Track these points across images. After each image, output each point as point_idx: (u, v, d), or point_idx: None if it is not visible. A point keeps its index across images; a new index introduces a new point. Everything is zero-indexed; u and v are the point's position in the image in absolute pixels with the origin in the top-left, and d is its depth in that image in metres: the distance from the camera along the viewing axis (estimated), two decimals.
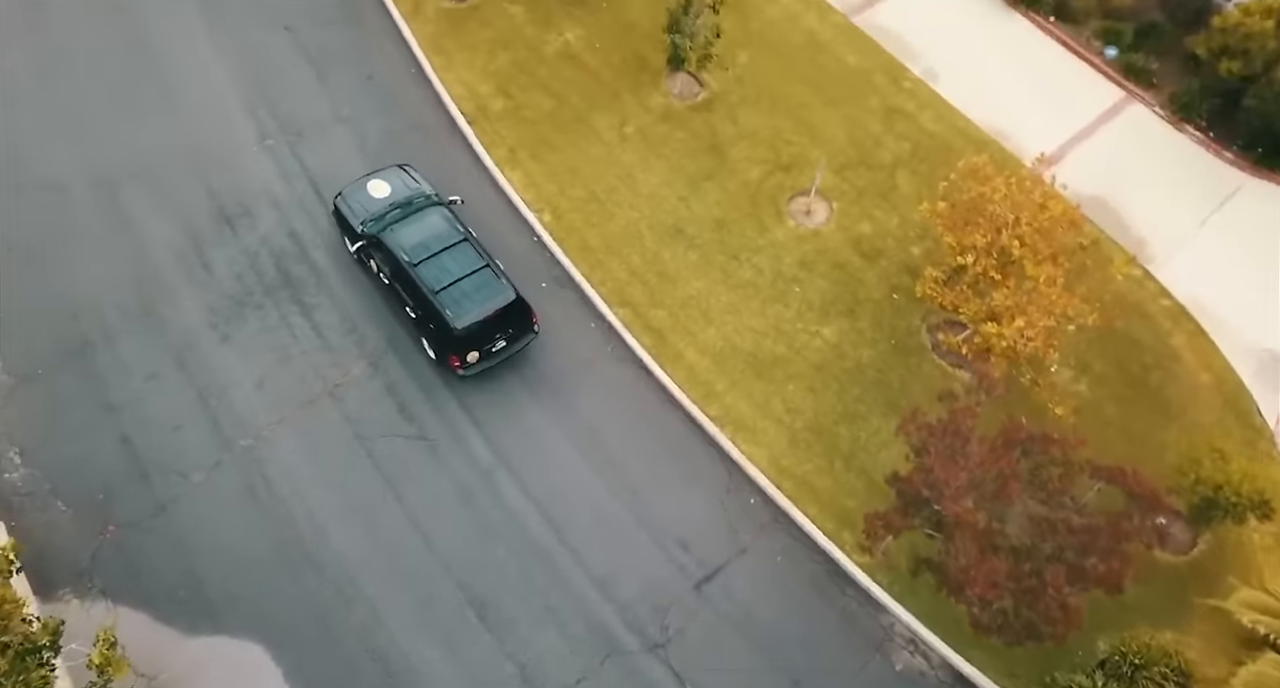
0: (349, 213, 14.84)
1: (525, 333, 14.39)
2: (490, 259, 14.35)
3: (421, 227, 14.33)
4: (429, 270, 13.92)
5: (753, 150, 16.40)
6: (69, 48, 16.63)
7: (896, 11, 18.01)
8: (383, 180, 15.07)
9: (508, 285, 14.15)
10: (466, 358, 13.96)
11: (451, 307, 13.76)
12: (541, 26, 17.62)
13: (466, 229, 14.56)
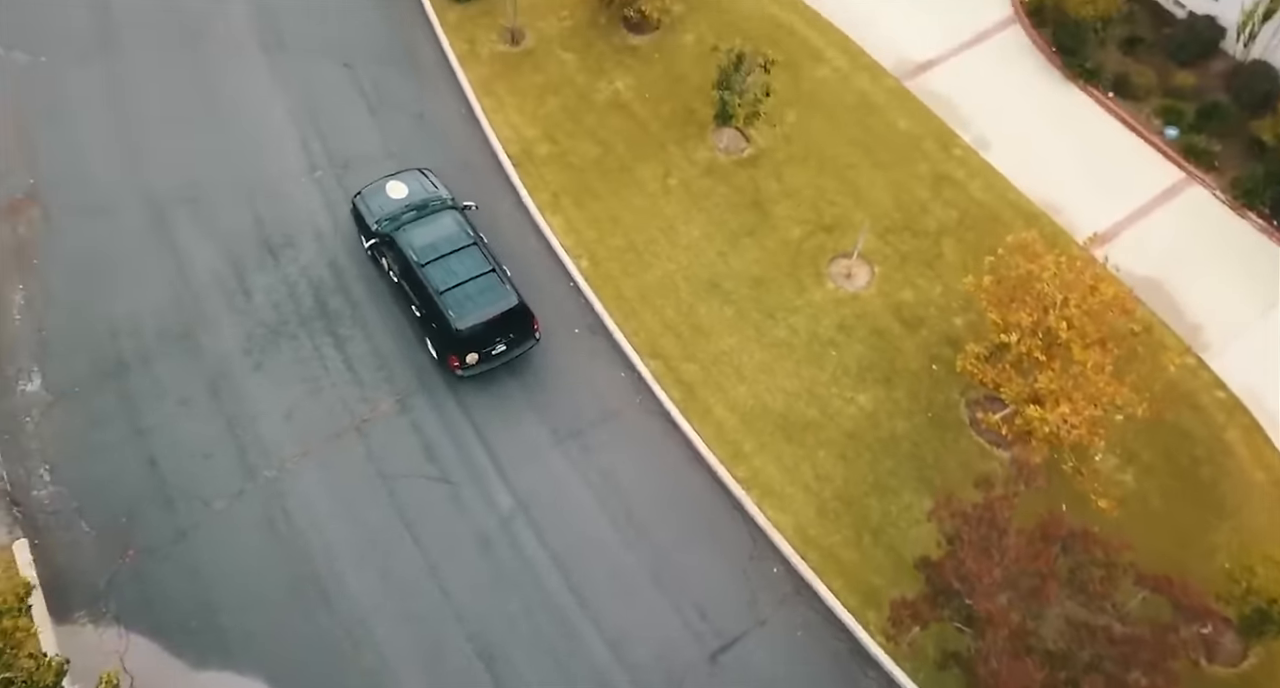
0: (365, 211, 15.17)
1: (526, 339, 14.49)
2: (497, 264, 14.52)
3: (433, 229, 14.59)
4: (436, 271, 14.14)
5: (796, 209, 16.27)
6: (136, 72, 17.16)
7: (949, 77, 17.83)
8: (401, 182, 15.40)
9: (511, 291, 14.29)
10: (465, 359, 14.07)
11: (454, 308, 13.93)
12: (592, 74, 17.84)
13: (477, 234, 14.78)
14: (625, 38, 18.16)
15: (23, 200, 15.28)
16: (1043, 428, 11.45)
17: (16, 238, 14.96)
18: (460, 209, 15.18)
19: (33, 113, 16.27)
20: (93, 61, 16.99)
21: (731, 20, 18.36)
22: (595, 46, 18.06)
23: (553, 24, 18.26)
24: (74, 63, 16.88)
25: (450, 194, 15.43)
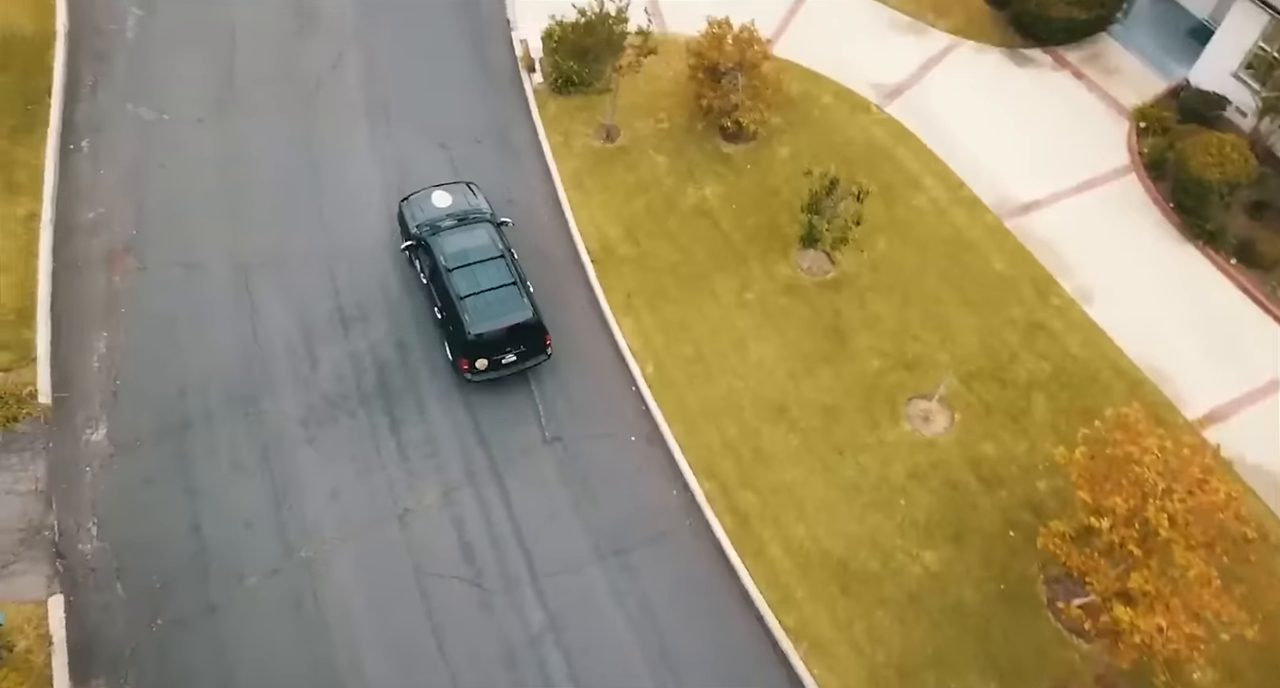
0: (408, 215, 16.06)
1: (537, 353, 14.99)
2: (520, 278, 15.04)
3: (466, 237, 15.35)
4: (460, 277, 14.82)
5: (876, 340, 15.68)
6: (247, 133, 17.74)
7: (1055, 221, 17.02)
8: (447, 192, 16.25)
9: (528, 305, 14.79)
10: (476, 364, 14.65)
11: (471, 313, 14.54)
12: (682, 178, 17.78)
13: (507, 248, 15.41)
14: (719, 145, 18.12)
15: (122, 252, 15.85)
16: (1133, 635, 10.33)
17: (110, 288, 15.45)
18: (497, 224, 15.88)
19: (146, 167, 16.97)
20: (210, 121, 17.75)
21: (830, 138, 18.19)
22: (688, 151, 18.09)
23: (649, 125, 18.39)
24: (192, 122, 17.66)
25: (491, 209, 16.25)
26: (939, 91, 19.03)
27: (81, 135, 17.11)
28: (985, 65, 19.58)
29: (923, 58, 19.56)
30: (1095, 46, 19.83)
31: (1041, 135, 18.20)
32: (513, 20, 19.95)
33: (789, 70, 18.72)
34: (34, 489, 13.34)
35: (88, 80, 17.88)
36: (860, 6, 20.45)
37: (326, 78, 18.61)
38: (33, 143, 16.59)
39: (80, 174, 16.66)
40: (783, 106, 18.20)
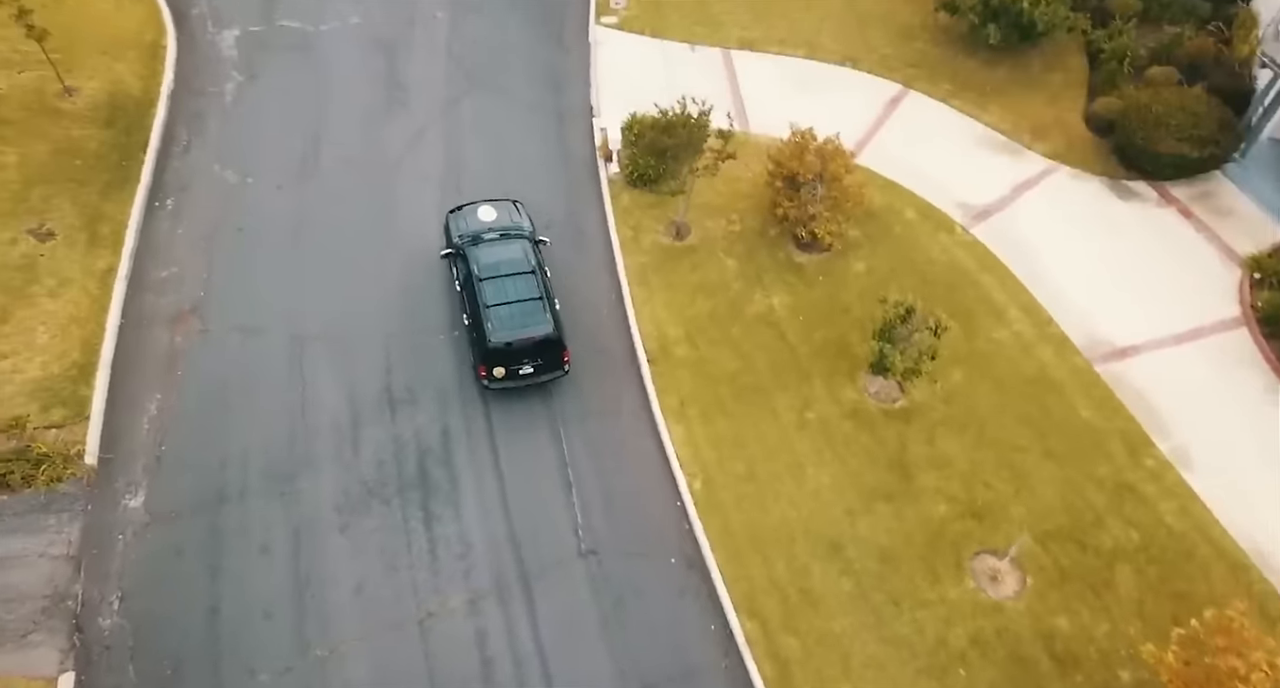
0: (453, 226, 16.80)
1: (554, 368, 15.43)
2: (546, 294, 15.51)
3: (501, 250, 15.94)
4: (490, 287, 15.38)
5: (944, 482, 14.60)
6: (324, 202, 17.86)
7: (1152, 372, 15.63)
8: (492, 208, 16.87)
9: (550, 321, 15.22)
10: (494, 371, 15.12)
11: (494, 322, 15.09)
12: (750, 284, 17.20)
13: (539, 265, 15.94)
14: (792, 254, 17.53)
15: (188, 312, 16.01)
16: None
17: (172, 348, 15.57)
18: (534, 242, 16.45)
19: (223, 229, 17.25)
20: (289, 188, 18.02)
21: (910, 257, 17.41)
22: (759, 256, 17.54)
23: (720, 225, 17.97)
24: (272, 187, 17.96)
25: (533, 228, 16.88)
26: (1031, 217, 18.08)
27: (168, 193, 17.59)
28: (1083, 194, 18.58)
29: (1015, 180, 18.69)
30: (1207, 184, 18.61)
31: (1141, 275, 16.97)
32: (596, 107, 20.03)
33: (871, 181, 18.13)
34: (65, 554, 13.20)
35: (182, 139, 18.48)
36: (953, 120, 19.79)
37: (406, 153, 18.78)
38: (122, 198, 17.12)
39: (160, 232, 17.05)
40: (862, 219, 17.62)
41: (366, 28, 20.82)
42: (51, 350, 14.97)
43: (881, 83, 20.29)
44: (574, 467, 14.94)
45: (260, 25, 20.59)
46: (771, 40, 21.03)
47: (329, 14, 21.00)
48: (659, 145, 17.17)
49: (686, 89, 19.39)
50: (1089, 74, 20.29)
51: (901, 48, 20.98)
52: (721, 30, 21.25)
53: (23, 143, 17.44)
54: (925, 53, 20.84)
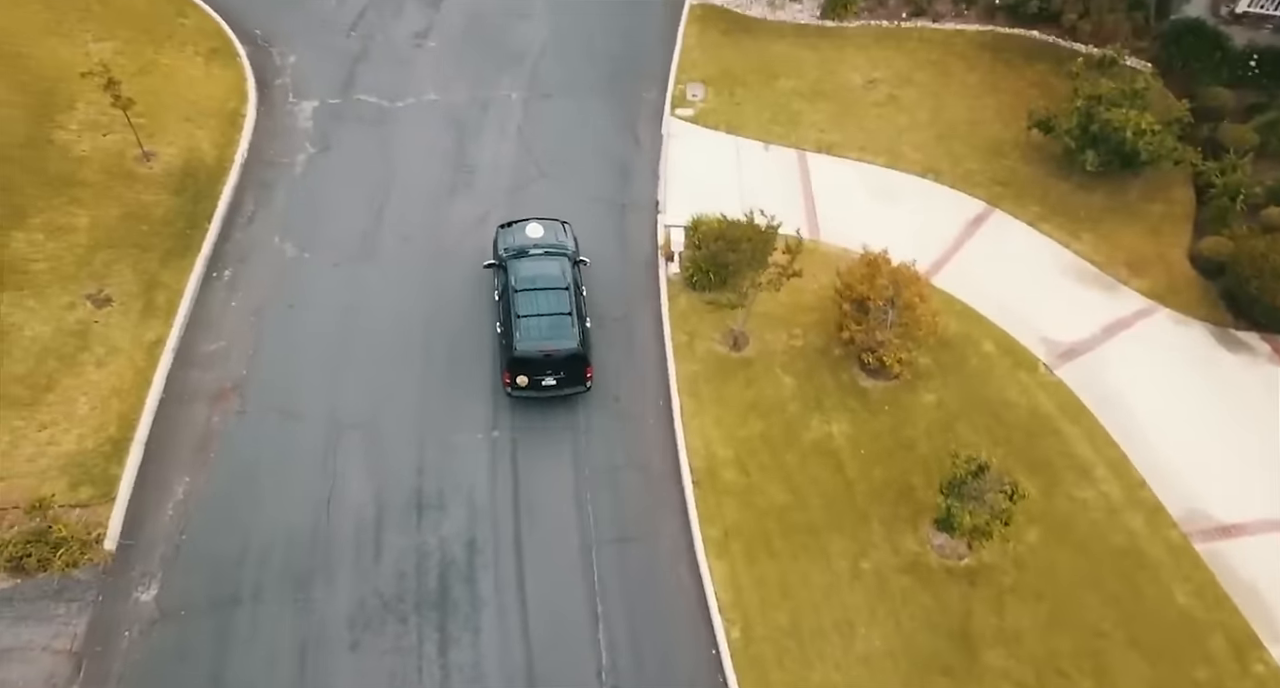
0: (501, 240, 17.43)
1: (576, 383, 15.86)
2: (576, 312, 15.97)
3: (540, 265, 16.50)
4: (523, 299, 15.95)
5: (1013, 663, 13.01)
6: (377, 283, 17.37)
7: (1264, 558, 13.78)
8: (540, 225, 17.38)
9: (575, 337, 15.67)
10: (517, 379, 15.62)
11: (521, 332, 15.62)
12: (808, 407, 16.08)
13: (575, 283, 16.44)
14: (856, 377, 16.40)
15: (229, 390, 15.72)
16: None
17: (208, 428, 15.23)
18: (574, 262, 16.92)
19: (275, 305, 16.99)
20: (345, 267, 17.72)
21: (985, 395, 16.05)
22: (819, 376, 16.46)
23: (780, 339, 16.99)
24: (329, 265, 17.74)
25: (575, 249, 17.29)
26: (1124, 362, 16.51)
27: (226, 264, 17.53)
28: (1186, 340, 17.02)
29: (1108, 318, 17.21)
30: None
31: (1252, 441, 15.20)
32: (662, 202, 19.39)
33: (948, 306, 16.92)
34: (69, 649, 12.66)
35: (248, 209, 18.49)
36: (1040, 245, 18.41)
37: (465, 238, 18.35)
38: (181, 267, 17.09)
39: (214, 303, 16.91)
40: (935, 347, 16.37)
41: (442, 106, 20.78)
42: (90, 423, 14.80)
43: (965, 199, 19.19)
44: (604, 597, 13.90)
45: (338, 98, 20.76)
46: (850, 145, 20.23)
47: (407, 90, 21.04)
48: (722, 259, 16.44)
49: (758, 189, 18.96)
50: (1196, 207, 18.86)
51: (988, 163, 19.88)
52: (799, 130, 20.56)
53: (96, 206, 17.70)
54: (1014, 170, 19.69)
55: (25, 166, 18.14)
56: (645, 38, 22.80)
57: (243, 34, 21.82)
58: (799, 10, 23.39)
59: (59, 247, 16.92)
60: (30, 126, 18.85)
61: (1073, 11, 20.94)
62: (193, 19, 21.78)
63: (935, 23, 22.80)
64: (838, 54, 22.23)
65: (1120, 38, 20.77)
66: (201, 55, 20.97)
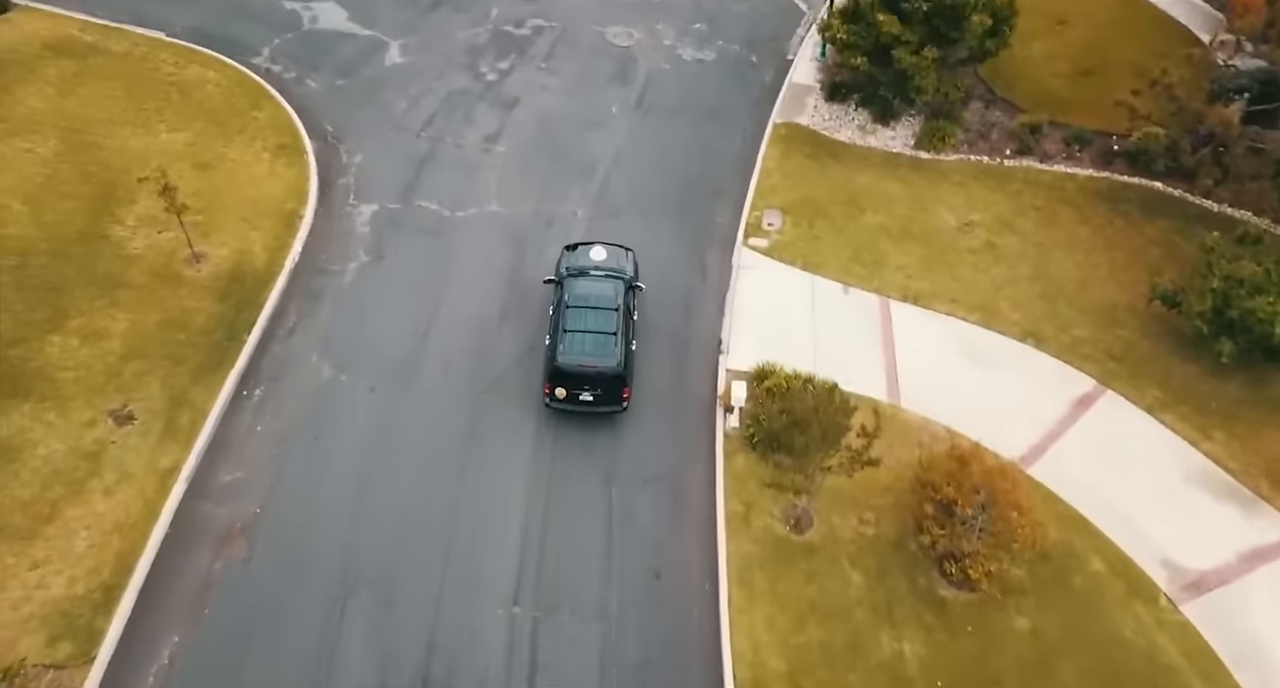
0: (564, 259, 17.91)
1: (613, 402, 16.15)
2: (622, 333, 16.29)
3: (595, 285, 16.96)
4: (573, 314, 16.40)
5: None
6: (410, 416, 16.05)
7: None
8: (605, 249, 17.93)
9: (617, 357, 15.93)
10: (555, 391, 16.00)
11: (565, 345, 16.02)
12: (877, 614, 13.79)
13: (626, 306, 16.86)
14: (935, 583, 14.14)
15: (238, 531, 14.43)
16: None
17: (208, 577, 13.90)
18: (630, 286, 17.40)
19: (301, 434, 15.82)
20: (381, 394, 16.51)
21: (1091, 629, 13.53)
22: (892, 577, 14.25)
23: (850, 523, 14.88)
24: (365, 390, 16.53)
25: (634, 274, 17.79)
26: (1273, 604, 13.74)
27: (259, 382, 16.53)
28: None
29: (1248, 543, 14.55)
30: None
31: None
32: (726, 342, 17.67)
33: (1047, 505, 14.56)
34: None
35: (289, 321, 17.56)
36: (1161, 440, 15.80)
37: (511, 371, 16.96)
38: (212, 383, 16.16)
39: (238, 427, 15.84)
40: (1032, 557, 13.98)
41: (504, 219, 19.76)
42: (85, 563, 13.64)
43: (1070, 373, 16.91)
44: None
45: (399, 203, 20.01)
46: (940, 296, 18.27)
47: (469, 198, 20.19)
48: (786, 439, 14.32)
49: (833, 337, 17.20)
50: None
51: (1099, 331, 17.59)
52: (883, 273, 18.75)
53: (138, 310, 17.07)
54: (1130, 344, 17.34)
55: (78, 264, 17.79)
56: (724, 155, 21.59)
57: (313, 129, 21.50)
58: (891, 137, 21.91)
59: (91, 354, 16.27)
60: (89, 220, 18.63)
61: (1209, 176, 18.69)
62: (267, 112, 21.57)
63: (1043, 163, 20.88)
64: (931, 190, 20.53)
65: (1267, 209, 18.42)
66: (269, 151, 20.62)
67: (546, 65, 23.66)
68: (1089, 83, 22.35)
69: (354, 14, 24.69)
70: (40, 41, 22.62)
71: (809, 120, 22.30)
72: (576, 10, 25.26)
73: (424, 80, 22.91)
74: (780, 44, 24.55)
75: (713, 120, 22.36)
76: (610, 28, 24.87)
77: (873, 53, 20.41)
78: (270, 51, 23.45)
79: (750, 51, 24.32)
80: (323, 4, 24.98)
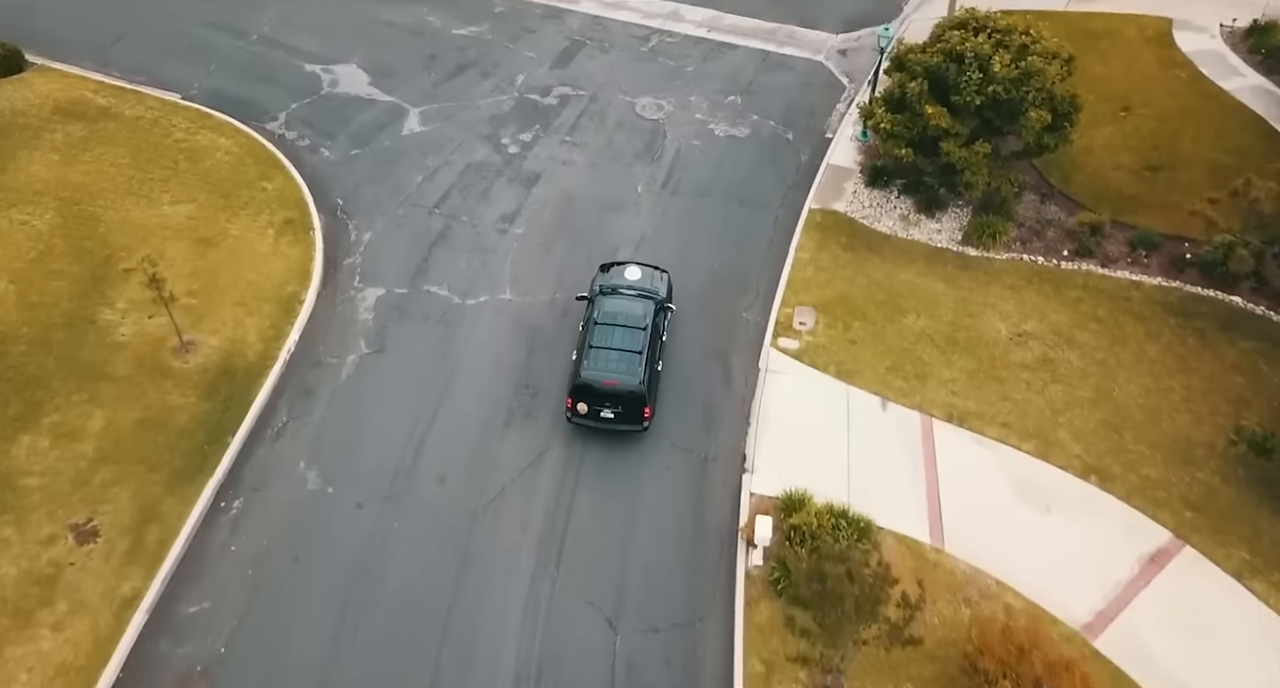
0: (598, 278, 18.07)
1: (634, 421, 16.11)
2: (647, 352, 16.29)
3: (626, 304, 17.05)
4: (601, 331, 16.49)
5: None
6: (400, 538, 14.59)
7: None
8: (639, 269, 18.06)
9: (640, 375, 15.93)
10: (577, 406, 16.01)
11: (589, 360, 16.14)
12: None
13: (655, 326, 16.87)
14: None
15: (198, 675, 12.92)
16: None
17: None
18: (661, 306, 17.39)
19: (280, 555, 14.36)
20: (370, 508, 15.07)
21: None
22: None
23: None
24: (352, 505, 15.09)
25: (666, 296, 17.89)
26: None
27: (239, 493, 15.18)
28: None
29: None
30: None
31: None
32: (750, 459, 15.92)
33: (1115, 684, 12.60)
34: None
35: (279, 421, 16.22)
36: (1253, 614, 13.73)
37: (510, 487, 15.44)
38: (187, 494, 14.83)
39: (211, 546, 14.48)
40: None
41: (516, 308, 18.39)
42: None
43: (1141, 521, 14.95)
44: None
45: (406, 288, 18.69)
46: (990, 418, 16.43)
47: (481, 284, 18.83)
48: (817, 613, 12.42)
49: (869, 461, 15.46)
50: None
51: (1174, 471, 15.63)
52: (926, 388, 16.97)
53: (117, 406, 15.89)
54: (1211, 490, 15.31)
55: (59, 353, 16.67)
56: (754, 243, 20.01)
57: (323, 202, 20.34)
58: (936, 230, 20.21)
59: (61, 457, 15.06)
60: (77, 302, 17.55)
61: None
62: (276, 183, 20.51)
63: (1105, 268, 18.97)
64: (980, 292, 18.73)
65: None
66: (275, 226, 19.49)
67: (571, 138, 22.43)
68: (1157, 179, 20.53)
69: (375, 78, 23.78)
70: (52, 104, 21.92)
71: (847, 207, 20.71)
72: (607, 78, 24.13)
73: (443, 151, 21.78)
74: (818, 120, 23.09)
75: (743, 204, 20.91)
76: (640, 98, 23.65)
77: (919, 144, 18.89)
78: (287, 116, 22.55)
79: (786, 128, 22.91)
80: (345, 66, 24.09)
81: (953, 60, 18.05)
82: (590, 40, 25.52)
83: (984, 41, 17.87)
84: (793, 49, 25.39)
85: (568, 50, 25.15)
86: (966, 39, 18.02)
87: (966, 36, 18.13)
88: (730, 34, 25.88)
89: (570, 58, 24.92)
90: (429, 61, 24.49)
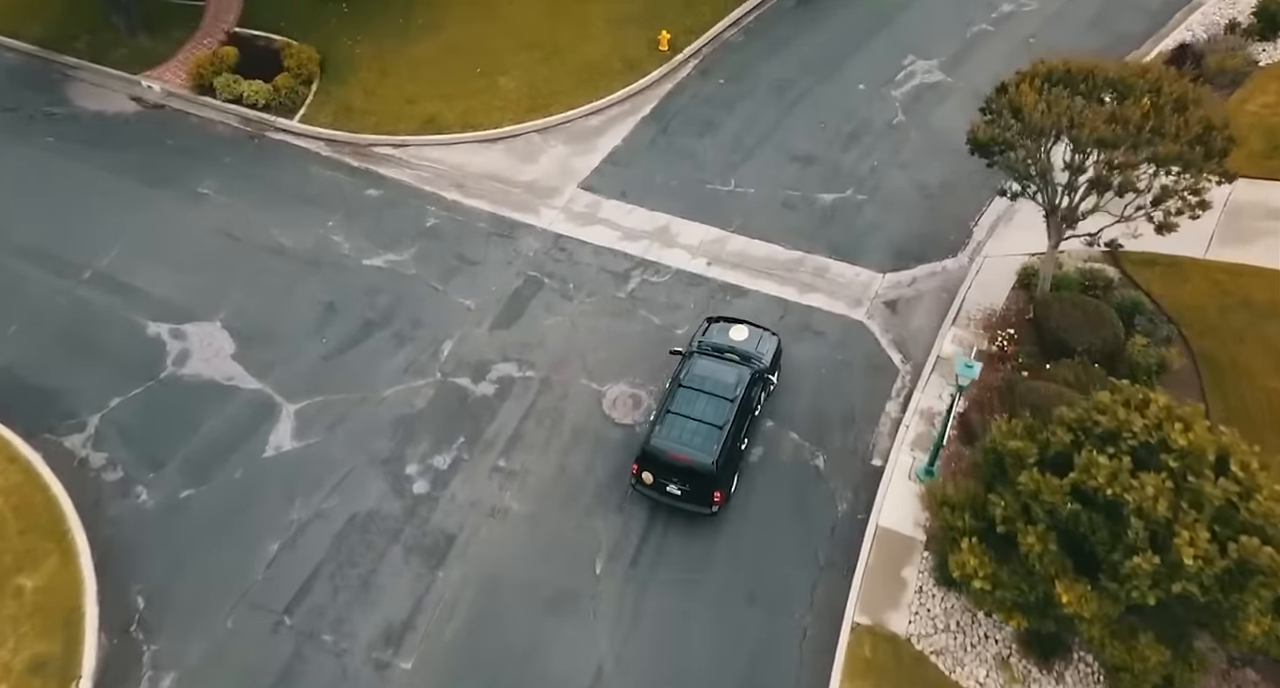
0: (701, 333, 16.65)
1: (702, 503, 14.67)
2: (730, 427, 14.70)
3: (720, 369, 15.57)
4: (683, 395, 15.16)
5: None
6: None
7: None
8: (747, 330, 16.46)
9: (714, 454, 14.43)
10: (643, 475, 14.82)
11: (662, 426, 14.89)
12: None
13: (746, 400, 15.17)
14: None
15: None
16: None
17: None
18: (759, 376, 15.66)
19: None
20: None
21: None
22: None
23: None
24: None
25: (769, 364, 16.04)
26: None
27: None
28: None
29: None
30: None
31: None
32: None
33: None
34: None
35: None
36: None
37: None
38: None
39: None
40: None
41: None
42: None
43: None
44: None
45: None
46: None
47: None
48: None
49: None
50: None
51: None
52: None
53: None
54: None
55: None
56: None
57: (113, 605, 13.33)
58: None
59: None
60: None
61: None
62: (45, 570, 13.33)
63: None
64: None
65: None
66: (12, 673, 12.17)
67: (506, 462, 15.44)
68: None
69: (243, 347, 16.86)
70: None
71: (907, 623, 13.35)
72: (566, 347, 17.08)
73: (318, 490, 14.93)
74: (861, 433, 15.82)
75: (754, 601, 13.83)
76: (611, 386, 16.46)
77: (1035, 608, 11.35)
78: (101, 421, 15.64)
79: (815, 446, 15.69)
80: (203, 325, 17.13)
81: (1097, 509, 10.55)
82: (549, 277, 18.37)
83: (1151, 484, 10.03)
84: (822, 298, 17.99)
85: (518, 295, 18.01)
86: (1118, 476, 10.18)
87: (1117, 468, 10.22)
88: (738, 270, 18.53)
89: (520, 309, 17.79)
90: (325, 315, 17.55)
